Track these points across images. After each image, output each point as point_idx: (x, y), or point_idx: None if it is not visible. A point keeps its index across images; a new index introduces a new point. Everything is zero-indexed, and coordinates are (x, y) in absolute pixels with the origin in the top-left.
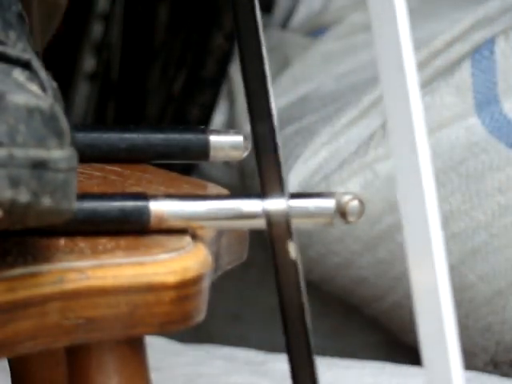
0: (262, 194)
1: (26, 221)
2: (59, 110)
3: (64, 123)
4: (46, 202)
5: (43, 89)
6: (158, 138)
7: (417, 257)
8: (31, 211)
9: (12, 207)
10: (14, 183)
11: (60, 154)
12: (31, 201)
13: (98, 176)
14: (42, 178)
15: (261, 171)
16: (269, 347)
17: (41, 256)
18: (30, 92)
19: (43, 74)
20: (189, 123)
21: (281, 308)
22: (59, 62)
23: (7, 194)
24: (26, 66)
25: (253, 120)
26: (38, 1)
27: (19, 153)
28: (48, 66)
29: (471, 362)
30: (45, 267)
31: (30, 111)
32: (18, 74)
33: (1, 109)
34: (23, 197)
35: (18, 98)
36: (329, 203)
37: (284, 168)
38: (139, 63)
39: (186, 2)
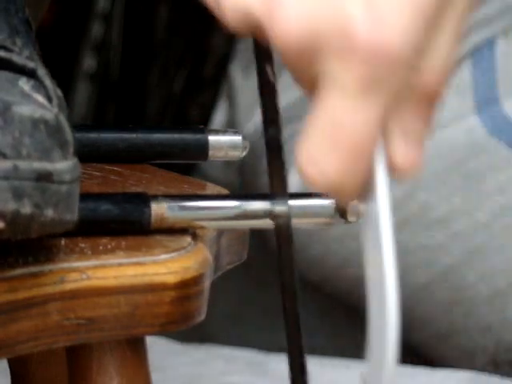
0: (270, 195)
1: (27, 232)
2: (64, 120)
3: (68, 133)
4: (49, 214)
5: (48, 98)
6: (156, 137)
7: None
8: (34, 223)
9: (15, 219)
10: (18, 195)
11: (64, 165)
12: (34, 213)
13: (98, 176)
14: (46, 191)
15: (269, 172)
16: (269, 347)
17: (42, 256)
18: (36, 102)
19: (48, 82)
20: (189, 123)
21: (283, 308)
22: (59, 61)
23: (10, 206)
24: (31, 74)
25: (264, 123)
26: None
27: (23, 165)
28: (48, 66)
29: (471, 361)
30: (46, 267)
31: (35, 123)
32: (24, 83)
33: (6, 120)
34: (26, 209)
35: (24, 110)
36: (329, 203)
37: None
38: (139, 63)
39: (186, 1)
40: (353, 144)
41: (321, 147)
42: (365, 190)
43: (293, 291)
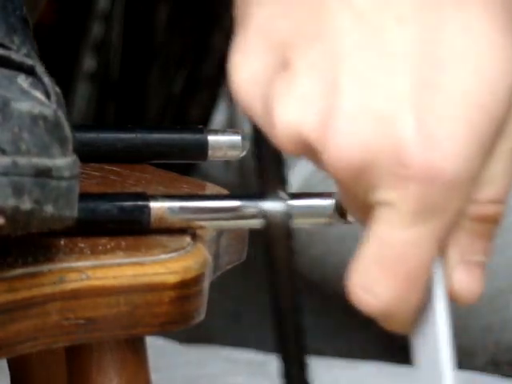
0: (260, 194)
1: (27, 228)
2: (62, 117)
3: (67, 130)
4: (49, 209)
5: (47, 95)
6: (155, 137)
7: None
8: (33, 219)
9: (14, 215)
10: (18, 191)
11: (63, 161)
12: (34, 209)
13: (97, 176)
14: (45, 186)
15: (260, 170)
16: (269, 347)
17: (41, 256)
18: (34, 99)
19: (47, 79)
20: (189, 123)
21: (274, 310)
22: (59, 61)
23: (10, 201)
24: (29, 71)
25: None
26: None
27: (23, 161)
28: (48, 66)
29: (471, 361)
30: (45, 267)
31: (34, 119)
32: (22, 80)
33: (5, 116)
34: (26, 205)
35: (23, 106)
36: (328, 203)
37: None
38: (139, 63)
39: (186, 1)
40: (407, 271)
41: (373, 273)
42: (420, 311)
43: (291, 293)
